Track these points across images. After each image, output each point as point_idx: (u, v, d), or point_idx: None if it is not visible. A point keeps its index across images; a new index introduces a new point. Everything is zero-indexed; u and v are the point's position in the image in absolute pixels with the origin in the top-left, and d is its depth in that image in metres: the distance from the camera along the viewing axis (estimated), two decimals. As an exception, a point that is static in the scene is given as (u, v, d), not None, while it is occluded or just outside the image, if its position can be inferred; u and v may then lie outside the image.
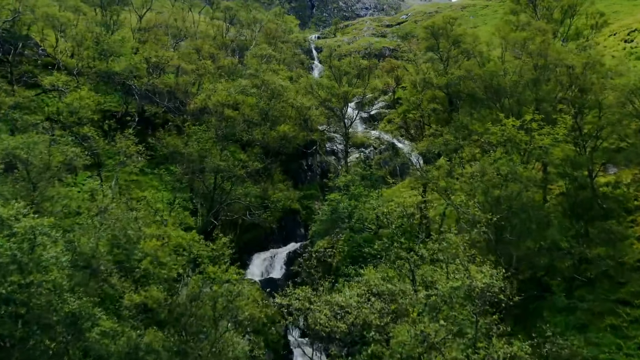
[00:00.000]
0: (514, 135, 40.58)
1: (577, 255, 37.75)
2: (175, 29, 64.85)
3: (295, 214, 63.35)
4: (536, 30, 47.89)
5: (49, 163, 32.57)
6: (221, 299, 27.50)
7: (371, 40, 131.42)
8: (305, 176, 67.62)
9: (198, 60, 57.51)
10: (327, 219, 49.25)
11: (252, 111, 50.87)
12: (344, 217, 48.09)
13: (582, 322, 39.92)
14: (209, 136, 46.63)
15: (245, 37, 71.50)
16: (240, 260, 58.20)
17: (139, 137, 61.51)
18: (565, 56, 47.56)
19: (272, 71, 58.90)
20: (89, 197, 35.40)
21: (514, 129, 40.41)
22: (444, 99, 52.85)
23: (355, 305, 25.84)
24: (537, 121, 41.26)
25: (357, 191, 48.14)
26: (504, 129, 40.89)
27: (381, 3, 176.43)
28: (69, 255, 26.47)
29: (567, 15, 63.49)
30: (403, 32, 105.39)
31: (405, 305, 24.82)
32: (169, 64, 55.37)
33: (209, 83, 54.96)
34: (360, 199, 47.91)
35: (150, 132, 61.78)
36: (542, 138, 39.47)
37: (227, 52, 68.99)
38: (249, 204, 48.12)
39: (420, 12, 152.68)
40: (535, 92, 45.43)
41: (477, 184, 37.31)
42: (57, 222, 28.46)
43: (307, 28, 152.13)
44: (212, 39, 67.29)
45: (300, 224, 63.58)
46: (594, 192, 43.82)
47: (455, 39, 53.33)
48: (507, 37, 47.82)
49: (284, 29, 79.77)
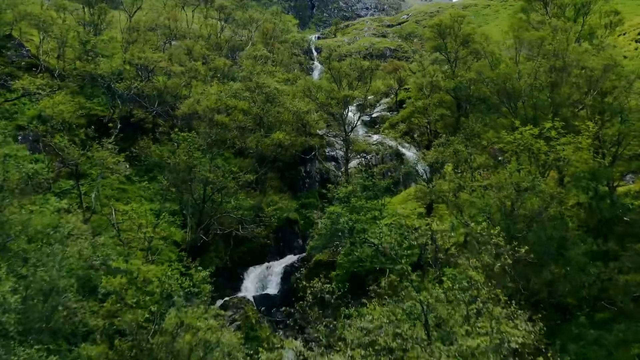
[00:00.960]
0: (531, 145, 35.99)
1: (604, 280, 33.12)
2: (167, 28, 60.18)
3: (293, 223, 58.70)
4: (553, 29, 43.25)
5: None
6: (195, 352, 22.90)
7: (372, 40, 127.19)
8: (303, 183, 62.97)
9: (189, 62, 52.79)
10: (326, 234, 44.68)
11: (245, 117, 46.25)
12: (344, 232, 43.53)
13: (606, 351, 35.37)
14: (198, 145, 41.94)
15: (242, 37, 66.72)
16: (234, 274, 53.79)
17: (127, 142, 57.20)
18: (583, 57, 42.99)
19: (268, 73, 54.21)
20: (56, 218, 30.66)
21: (532, 138, 35.80)
22: (451, 103, 48.23)
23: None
24: (557, 129, 36.72)
25: (358, 204, 43.52)
26: (521, 137, 36.30)
27: (382, 3, 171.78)
28: (21, 293, 21.94)
29: (581, 14, 58.71)
30: (405, 32, 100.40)
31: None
32: (156, 66, 50.67)
33: (200, 86, 50.41)
34: (361, 212, 43.34)
35: (140, 137, 57.34)
36: (563, 148, 34.87)
37: (221, 52, 64.32)
38: (242, 218, 43.44)
39: (422, 12, 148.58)
40: (552, 96, 40.86)
41: (492, 200, 32.71)
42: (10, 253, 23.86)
43: (307, 28, 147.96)
44: (206, 39, 62.53)
45: (298, 235, 58.96)
46: (614, 205, 39.30)
47: (463, 39, 48.60)
48: (522, 37, 43.14)
49: (282, 28, 75.06)
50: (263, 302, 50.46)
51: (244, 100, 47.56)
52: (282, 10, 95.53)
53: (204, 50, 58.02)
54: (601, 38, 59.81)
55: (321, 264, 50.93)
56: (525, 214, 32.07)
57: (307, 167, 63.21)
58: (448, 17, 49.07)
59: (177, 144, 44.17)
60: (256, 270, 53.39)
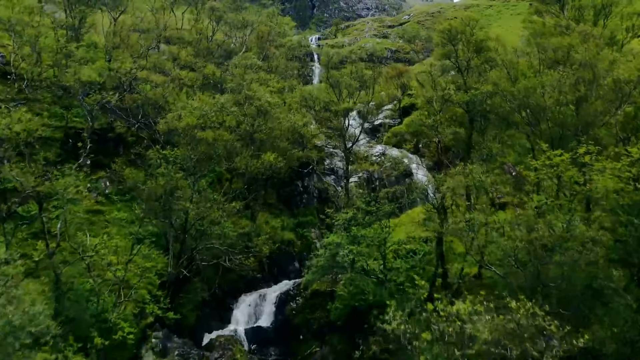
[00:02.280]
0: (562, 173, 29.79)
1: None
2: (153, 31, 53.87)
3: (289, 244, 52.47)
4: (583, 36, 36.97)
5: None
6: None
7: (372, 41, 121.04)
8: (300, 199, 56.73)
9: (174, 70, 46.42)
10: (324, 265, 38.60)
11: (232, 135, 40.03)
12: (345, 265, 37.47)
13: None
14: (179, 166, 35.69)
15: (235, 40, 60.34)
16: (223, 303, 47.58)
17: (107, 157, 50.98)
18: (614, 67, 36.73)
19: (261, 82, 47.86)
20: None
21: (565, 163, 29.59)
22: (462, 116, 41.95)
23: None
24: (591, 153, 30.55)
25: (360, 233, 37.39)
26: (549, 162, 30.10)
27: (382, 3, 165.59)
28: None
29: (601, 16, 52.43)
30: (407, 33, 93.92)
31: None
32: (136, 77, 44.37)
33: (184, 98, 44.19)
34: (363, 243, 37.27)
35: (122, 151, 51.14)
36: (603, 178, 28.62)
37: (213, 58, 57.95)
38: (228, 249, 37.29)
39: (423, 13, 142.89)
40: (580, 112, 34.66)
41: (521, 244, 26.56)
42: None
43: (308, 28, 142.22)
44: (197, 43, 56.15)
45: (294, 257, 52.69)
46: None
47: (476, 45, 42.25)
48: (545, 44, 36.84)
49: (278, 31, 68.66)
50: (255, 336, 44.38)
51: (232, 115, 41.24)
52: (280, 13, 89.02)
53: (190, 57, 51.66)
54: (622, 42, 53.69)
55: (319, 293, 44.79)
56: (560, 260, 25.90)
57: (304, 181, 57.00)
58: (459, 21, 42.76)
59: (157, 164, 37.87)
60: (248, 299, 47.21)
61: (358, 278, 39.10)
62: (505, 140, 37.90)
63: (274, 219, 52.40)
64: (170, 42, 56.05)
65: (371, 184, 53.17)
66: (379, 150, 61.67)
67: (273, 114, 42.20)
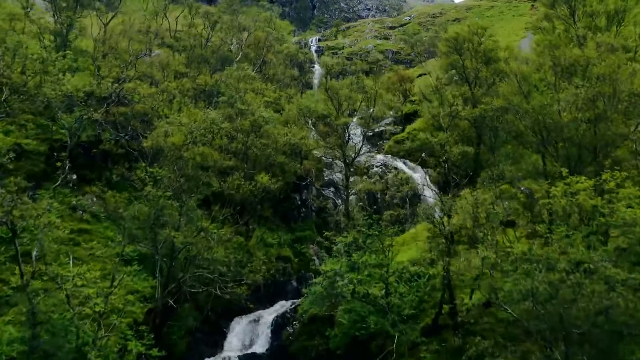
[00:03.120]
0: (584, 201, 26.40)
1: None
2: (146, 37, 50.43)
3: (286, 262, 49.05)
4: (601, 47, 33.54)
5: None
6: None
7: (373, 42, 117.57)
8: (298, 213, 53.12)
9: (163, 81, 42.89)
10: (321, 294, 35.30)
11: (223, 154, 36.62)
12: (344, 294, 34.14)
13: None
14: (162, 193, 32.26)
15: (231, 47, 56.69)
16: (216, 327, 44.24)
17: (94, 172, 47.66)
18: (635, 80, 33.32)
19: (257, 92, 44.41)
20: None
21: (587, 193, 26.22)
22: (470, 129, 38.46)
23: None
24: (616, 179, 27.24)
25: (361, 260, 34.06)
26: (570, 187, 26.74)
27: (383, 4, 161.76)
28: None
29: (614, 23, 48.85)
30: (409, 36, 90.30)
31: None
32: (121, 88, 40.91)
33: (175, 109, 40.83)
34: (365, 271, 33.97)
35: (110, 165, 47.71)
36: (632, 209, 25.26)
37: (209, 65, 54.45)
38: (219, 277, 33.97)
39: (424, 13, 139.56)
40: (598, 131, 31.26)
41: (541, 286, 23.21)
42: None
43: (308, 29, 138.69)
44: (191, 50, 52.56)
45: (292, 275, 49.22)
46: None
47: (484, 55, 38.75)
48: (562, 56, 33.35)
49: (276, 36, 65.00)
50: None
51: (224, 130, 37.80)
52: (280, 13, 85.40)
53: (182, 67, 48.09)
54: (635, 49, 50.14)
55: (317, 318, 41.34)
56: (586, 306, 22.59)
57: (302, 194, 53.46)
58: (465, 29, 39.24)
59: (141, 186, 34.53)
60: (242, 322, 43.72)
61: (359, 306, 35.83)
62: (517, 158, 34.48)
63: (270, 235, 49.04)
64: (165, 43, 52.53)
65: (372, 198, 49.80)
66: (381, 161, 58.25)
67: (267, 129, 38.79)
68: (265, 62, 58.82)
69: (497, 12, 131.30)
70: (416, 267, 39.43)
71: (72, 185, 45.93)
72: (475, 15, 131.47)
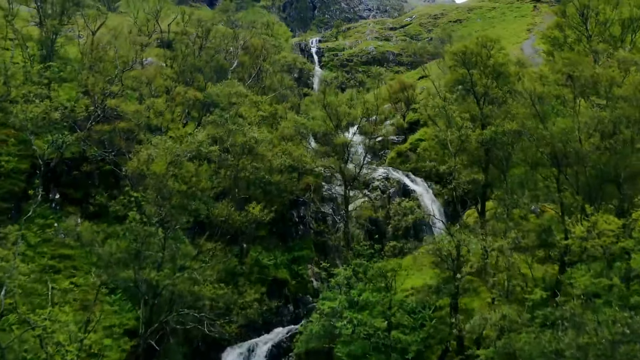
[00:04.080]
0: (610, 244, 22.94)
1: None
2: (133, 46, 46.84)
3: (282, 285, 45.60)
4: (623, 64, 29.94)
5: None
6: None
7: (374, 44, 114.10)
8: (296, 230, 49.47)
9: (147, 100, 39.27)
10: (318, 332, 31.92)
11: (211, 182, 33.12)
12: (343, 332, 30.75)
13: None
14: (143, 220, 28.85)
15: (225, 55, 52.95)
16: (207, 358, 41.10)
17: (78, 190, 44.17)
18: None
19: (251, 104, 40.89)
20: None
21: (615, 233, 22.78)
22: (477, 149, 34.92)
23: None
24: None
25: (362, 298, 30.62)
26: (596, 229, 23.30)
27: (384, 4, 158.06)
28: None
29: (629, 31, 45.24)
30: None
31: None
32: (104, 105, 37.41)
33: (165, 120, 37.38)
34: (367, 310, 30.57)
35: (97, 183, 44.22)
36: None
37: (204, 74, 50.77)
38: (206, 316, 30.57)
39: (425, 14, 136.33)
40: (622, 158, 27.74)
41: (569, 351, 19.76)
42: None
43: (309, 30, 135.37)
44: (182, 61, 48.88)
45: (289, 299, 45.76)
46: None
47: (494, 69, 35.20)
48: (583, 75, 29.75)
49: (273, 43, 61.27)
50: (243, 399, 37.91)
51: (213, 154, 34.30)
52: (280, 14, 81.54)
53: (169, 81, 44.40)
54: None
55: (314, 352, 38.05)
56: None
57: (300, 211, 49.90)
58: (474, 42, 35.66)
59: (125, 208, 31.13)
60: (235, 352, 40.40)
61: (359, 345, 32.39)
62: (529, 184, 30.99)
63: (266, 256, 45.63)
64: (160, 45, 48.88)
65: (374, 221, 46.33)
66: (382, 174, 54.68)
67: (260, 150, 35.38)
68: (261, 70, 55.14)
69: (499, 13, 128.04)
70: (421, 295, 36.08)
71: (54, 206, 42.76)
72: (477, 16, 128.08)
